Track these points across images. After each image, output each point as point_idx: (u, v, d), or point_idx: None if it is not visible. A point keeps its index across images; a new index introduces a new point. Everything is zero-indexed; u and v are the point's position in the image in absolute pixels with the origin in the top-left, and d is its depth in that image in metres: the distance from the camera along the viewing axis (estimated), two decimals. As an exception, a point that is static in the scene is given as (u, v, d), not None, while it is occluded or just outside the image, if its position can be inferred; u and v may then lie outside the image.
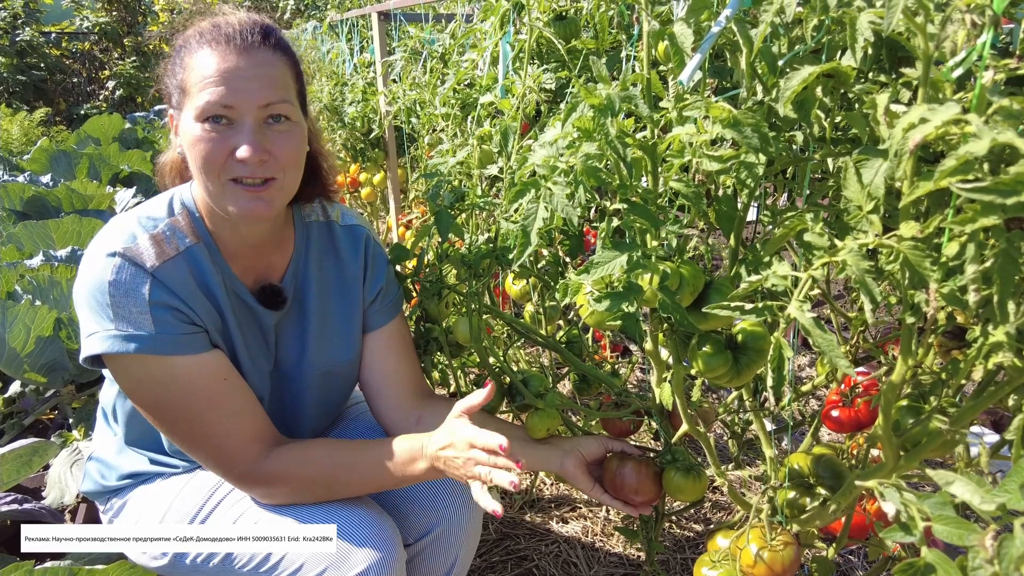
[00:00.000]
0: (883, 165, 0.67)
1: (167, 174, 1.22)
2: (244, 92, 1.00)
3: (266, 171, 1.03)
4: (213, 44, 1.01)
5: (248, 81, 1.00)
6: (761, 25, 0.77)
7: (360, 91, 3.05)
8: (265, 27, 1.05)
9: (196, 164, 1.03)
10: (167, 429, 1.09)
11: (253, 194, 1.03)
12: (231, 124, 1.01)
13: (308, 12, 7.02)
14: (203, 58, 1.00)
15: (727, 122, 0.75)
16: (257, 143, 1.00)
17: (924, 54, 0.64)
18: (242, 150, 1.00)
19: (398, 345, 1.30)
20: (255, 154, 1.00)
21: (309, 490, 1.12)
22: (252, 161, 1.01)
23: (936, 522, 0.59)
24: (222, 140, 1.00)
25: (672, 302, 0.84)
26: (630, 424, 1.36)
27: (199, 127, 1.00)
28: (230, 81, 0.99)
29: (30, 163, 4.11)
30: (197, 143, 1.00)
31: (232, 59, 1.00)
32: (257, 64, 1.02)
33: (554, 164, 0.84)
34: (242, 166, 1.01)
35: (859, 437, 1.19)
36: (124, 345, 1.00)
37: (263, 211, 1.05)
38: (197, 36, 1.03)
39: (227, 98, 0.99)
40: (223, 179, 1.02)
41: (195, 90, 1.00)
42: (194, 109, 1.00)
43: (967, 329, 0.78)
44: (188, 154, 1.04)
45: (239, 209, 1.04)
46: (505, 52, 1.45)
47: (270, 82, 1.02)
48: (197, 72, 1.00)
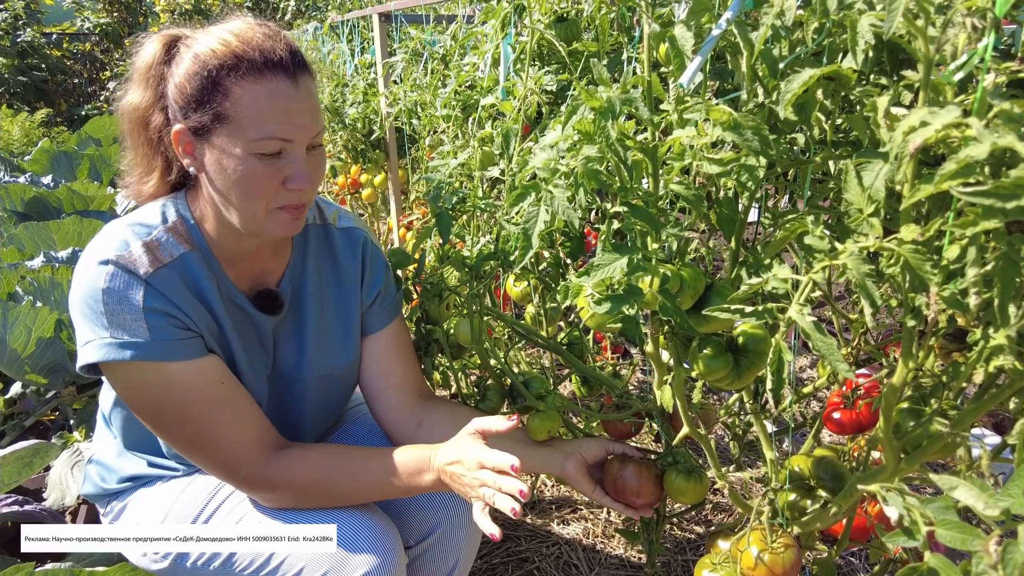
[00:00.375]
0: (884, 168, 0.67)
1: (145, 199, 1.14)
2: (301, 127, 1.01)
3: (307, 196, 1.06)
4: (267, 74, 0.97)
5: (303, 115, 1.01)
6: (762, 28, 0.77)
7: (361, 92, 3.05)
8: (298, 48, 1.03)
9: (241, 193, 1.01)
10: (166, 435, 1.09)
11: (294, 217, 1.06)
12: (280, 156, 1.01)
13: (309, 13, 7.03)
14: (258, 91, 0.97)
15: (728, 125, 0.75)
16: (308, 175, 1.03)
17: (925, 57, 0.64)
18: (299, 181, 1.02)
19: (398, 347, 1.30)
20: (310, 181, 1.03)
21: (313, 496, 1.11)
22: (307, 191, 1.04)
23: (939, 527, 0.59)
24: (274, 172, 1.01)
25: (672, 305, 0.84)
26: (631, 426, 1.36)
27: (251, 160, 0.99)
28: (290, 115, 0.99)
29: (31, 164, 4.12)
30: (248, 175, 0.99)
31: (287, 91, 0.99)
32: (306, 96, 1.02)
33: (555, 167, 0.84)
34: (291, 195, 1.03)
35: (860, 439, 1.19)
36: (120, 353, 0.99)
37: (298, 229, 1.09)
38: (240, 60, 0.97)
39: (288, 133, 0.99)
40: (269, 208, 1.04)
41: (250, 124, 0.97)
42: (248, 143, 0.98)
43: (968, 332, 0.77)
44: (225, 180, 1.01)
45: (281, 231, 1.06)
46: (506, 54, 1.45)
47: (317, 113, 1.04)
48: (251, 106, 0.97)
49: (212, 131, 0.99)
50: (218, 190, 1.04)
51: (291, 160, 1.01)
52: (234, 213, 1.05)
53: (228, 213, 1.06)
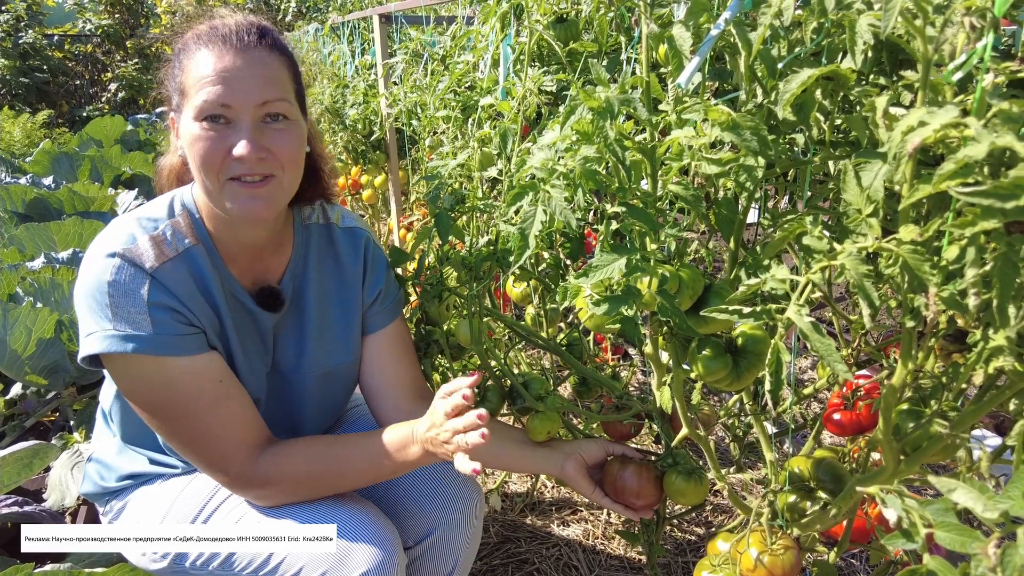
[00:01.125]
0: (882, 168, 0.67)
1: (165, 177, 1.23)
2: (241, 91, 1.01)
3: (264, 168, 1.03)
4: (210, 45, 1.02)
5: (245, 81, 1.01)
6: (760, 28, 0.77)
7: (361, 93, 3.06)
8: (261, 27, 1.06)
9: (195, 163, 1.03)
10: (163, 430, 1.09)
11: (251, 192, 1.03)
12: (229, 123, 1.01)
13: (309, 14, 7.03)
14: (200, 59, 1.02)
15: (726, 125, 0.74)
16: (254, 141, 1.01)
17: (924, 57, 0.64)
18: (240, 147, 1.00)
19: (398, 347, 1.30)
20: (253, 151, 1.01)
21: (304, 487, 1.11)
22: (250, 159, 1.01)
23: (938, 529, 0.58)
24: (220, 139, 1.01)
25: (671, 306, 0.83)
26: (631, 427, 1.36)
27: (197, 127, 1.01)
28: (227, 80, 1.00)
29: (32, 165, 4.12)
30: (196, 142, 1.01)
31: (228, 59, 1.01)
32: (254, 63, 1.02)
33: (552, 167, 0.84)
34: (240, 164, 1.02)
35: (860, 440, 1.18)
36: (122, 345, 1.00)
37: (261, 210, 1.05)
38: (195, 38, 1.04)
39: (224, 97, 1.00)
40: (222, 178, 1.03)
41: (193, 90, 1.01)
42: (192, 109, 1.01)
43: (968, 332, 0.77)
44: (188, 154, 1.05)
45: (238, 207, 1.04)
46: (506, 54, 1.45)
47: (267, 81, 1.03)
48: (195, 73, 1.01)
49: (180, 106, 1.05)
50: (190, 165, 1.06)
51: (236, 128, 1.02)
52: (200, 188, 1.08)
53: (204, 192, 1.08)
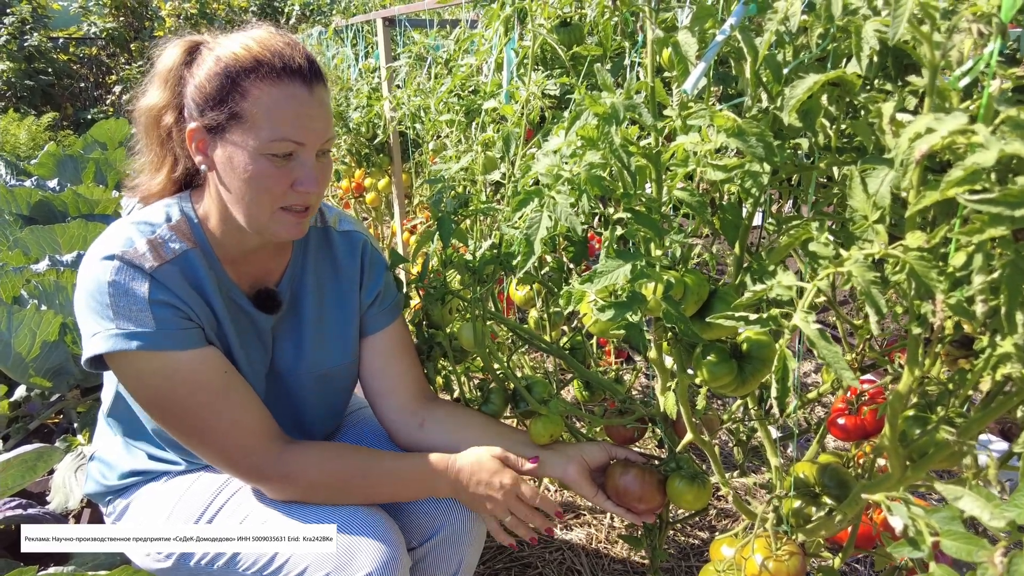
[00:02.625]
0: (889, 174, 0.66)
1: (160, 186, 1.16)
2: (313, 131, 1.04)
3: (313, 200, 1.09)
4: (284, 80, 1.01)
5: (316, 120, 1.04)
6: (766, 33, 0.77)
7: (365, 96, 3.06)
8: (314, 59, 1.07)
9: (249, 192, 1.04)
10: (172, 426, 1.09)
11: (298, 219, 1.09)
12: (291, 158, 1.04)
13: (313, 17, 7.05)
14: (275, 94, 1.00)
15: (731, 131, 0.74)
16: (317, 178, 1.06)
17: (930, 63, 0.64)
18: (308, 185, 1.05)
19: (398, 348, 1.31)
20: (318, 185, 1.06)
21: (322, 491, 1.12)
22: (314, 192, 1.06)
23: (945, 537, 0.58)
24: (285, 173, 1.04)
25: (676, 312, 0.83)
26: (634, 431, 1.35)
27: (262, 159, 1.02)
28: (303, 119, 1.02)
29: (37, 168, 4.14)
30: (257, 175, 1.02)
31: (303, 96, 1.02)
32: (320, 102, 1.05)
33: (558, 173, 0.84)
34: (298, 197, 1.06)
35: (865, 446, 1.18)
36: (126, 343, 1.01)
37: (302, 233, 1.11)
38: (260, 64, 1.01)
39: (301, 136, 1.02)
40: (275, 207, 1.06)
41: (265, 124, 1.00)
42: (260, 142, 1.01)
43: (974, 338, 0.77)
44: (233, 179, 1.04)
45: (285, 233, 1.09)
46: (509, 58, 1.45)
47: (330, 120, 1.08)
48: (267, 107, 1.00)
49: (227, 129, 1.02)
50: (227, 188, 1.06)
51: (301, 163, 1.04)
52: (241, 212, 1.07)
53: (235, 211, 1.08)
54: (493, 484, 1.14)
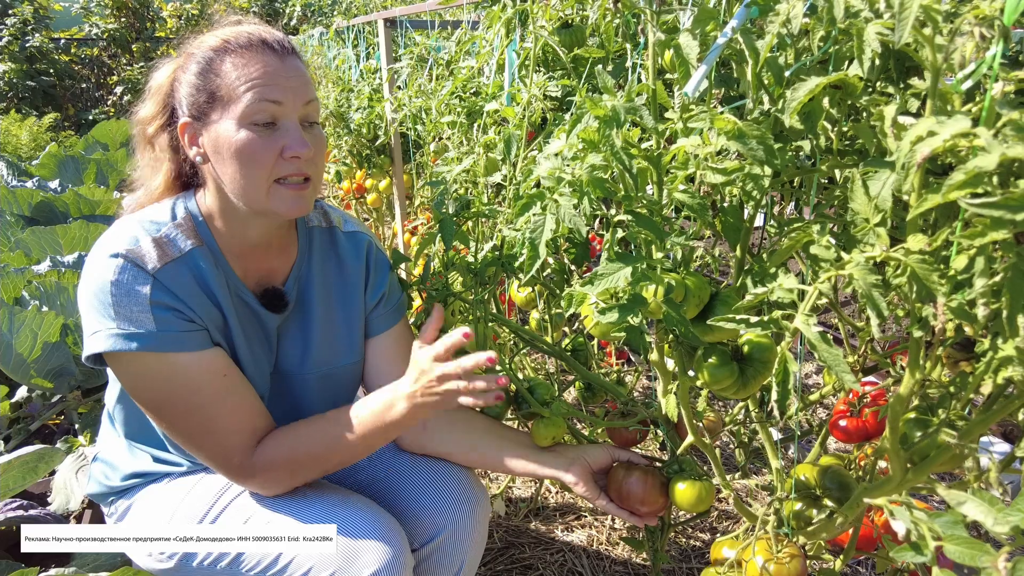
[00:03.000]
0: (890, 177, 0.66)
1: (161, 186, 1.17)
2: (290, 90, 1.04)
3: (308, 168, 1.07)
4: (252, 50, 1.04)
5: (290, 80, 1.05)
6: (767, 36, 0.77)
7: (366, 98, 3.06)
8: (285, 37, 1.10)
9: (240, 168, 1.04)
10: (168, 426, 1.10)
11: (296, 193, 1.07)
12: (275, 127, 1.04)
13: (314, 18, 7.05)
14: (245, 63, 1.03)
15: (732, 134, 0.74)
16: (305, 141, 1.05)
17: (932, 66, 0.64)
18: (295, 147, 1.04)
19: (402, 349, 1.31)
20: (307, 149, 1.05)
21: (304, 465, 1.12)
22: (305, 157, 1.05)
23: (947, 542, 0.58)
24: (270, 142, 1.04)
25: (677, 314, 0.83)
26: (636, 433, 1.35)
27: (244, 132, 1.02)
28: (276, 79, 1.03)
29: (39, 168, 4.14)
30: (244, 147, 1.03)
31: (273, 62, 1.04)
32: (293, 67, 1.07)
33: (559, 175, 0.84)
34: (289, 165, 1.05)
35: (867, 448, 1.18)
36: (126, 343, 1.01)
37: (304, 209, 1.09)
38: (229, 43, 1.05)
39: (276, 95, 1.03)
40: (269, 181, 1.05)
41: (239, 92, 1.02)
42: (240, 112, 1.02)
43: (976, 341, 0.77)
44: (223, 160, 1.05)
45: (286, 208, 1.07)
46: (511, 60, 1.46)
47: (306, 82, 1.08)
48: (238, 76, 1.02)
49: (209, 111, 1.04)
50: (221, 173, 1.07)
51: (285, 129, 1.05)
52: (238, 193, 1.07)
53: (234, 196, 1.08)
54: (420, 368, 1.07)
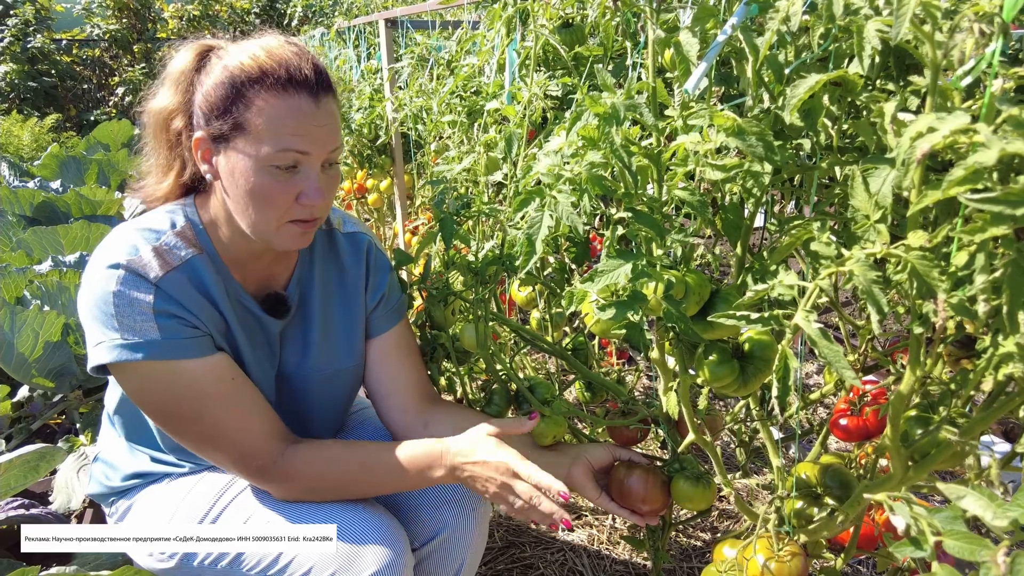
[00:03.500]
0: (890, 174, 0.66)
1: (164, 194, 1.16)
2: (319, 142, 1.02)
3: (320, 213, 1.08)
4: (289, 92, 0.99)
5: (322, 130, 1.02)
6: (767, 33, 0.77)
7: (367, 98, 3.06)
8: (324, 69, 1.05)
9: (253, 205, 1.03)
10: (178, 433, 1.09)
11: (305, 229, 1.08)
12: (295, 171, 1.03)
13: (316, 19, 7.06)
14: (278, 104, 0.99)
15: (732, 131, 0.74)
16: (322, 190, 1.04)
17: (932, 62, 0.64)
18: (312, 197, 1.03)
19: (403, 350, 1.31)
20: (323, 197, 1.04)
21: (326, 488, 1.13)
22: (320, 206, 1.05)
23: (947, 537, 0.58)
24: (289, 186, 1.02)
25: (677, 311, 0.83)
26: (637, 432, 1.35)
27: (265, 172, 1.01)
28: (307, 130, 1.00)
29: (40, 169, 4.15)
30: (260, 188, 1.01)
31: (308, 108, 1.00)
32: (326, 114, 1.03)
33: (559, 172, 0.84)
34: (303, 210, 1.05)
35: (867, 447, 1.18)
36: (131, 354, 1.01)
37: (307, 243, 1.10)
38: (266, 76, 0.99)
39: (304, 146, 1.01)
40: (281, 222, 1.05)
41: (268, 135, 0.99)
42: (265, 154, 0.99)
43: (976, 338, 0.77)
44: (236, 190, 1.04)
45: (291, 244, 1.08)
46: (511, 59, 1.46)
47: (336, 131, 1.06)
48: (271, 118, 0.99)
49: (230, 140, 1.01)
50: (232, 199, 1.06)
51: (305, 176, 1.03)
52: (246, 223, 1.07)
53: (240, 221, 1.07)
54: (489, 464, 1.09)
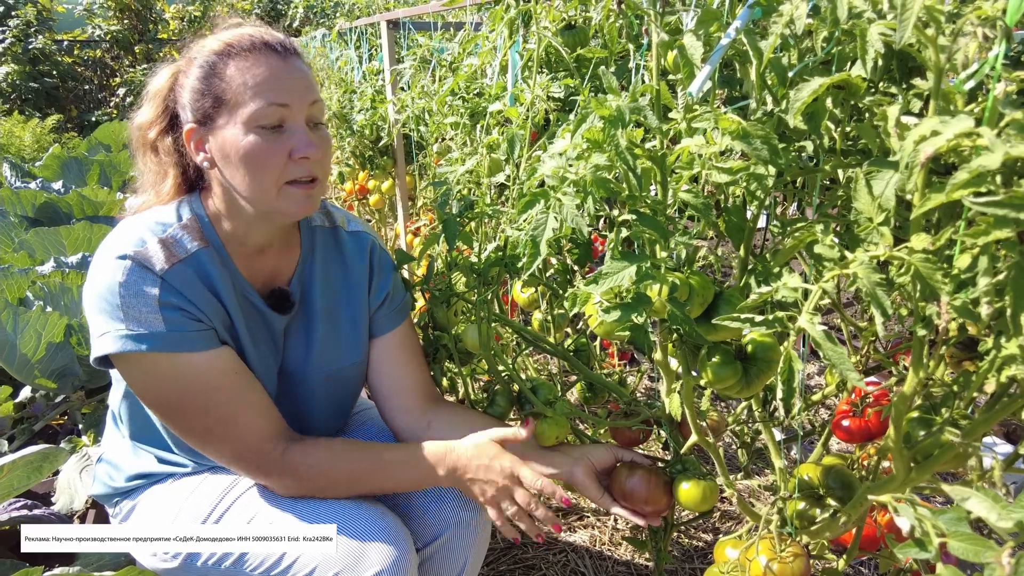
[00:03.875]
0: (894, 177, 0.67)
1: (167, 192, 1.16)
2: (295, 92, 1.05)
3: (316, 169, 1.08)
4: (256, 53, 1.04)
5: (295, 82, 1.05)
6: (771, 37, 0.77)
7: (369, 99, 3.06)
8: (288, 39, 1.10)
9: (249, 171, 1.04)
10: (180, 427, 1.10)
11: (306, 192, 1.08)
12: (282, 130, 1.04)
13: (317, 20, 7.07)
14: (249, 66, 1.03)
15: (736, 134, 0.75)
16: (313, 143, 1.06)
17: (935, 66, 0.64)
18: (304, 149, 1.04)
19: (406, 349, 1.31)
20: (316, 150, 1.05)
21: (328, 484, 1.13)
22: (313, 158, 1.06)
23: (951, 538, 0.58)
24: (279, 144, 1.04)
25: (681, 313, 0.84)
26: (639, 433, 1.36)
27: (252, 136, 1.03)
28: (281, 82, 1.03)
29: (42, 170, 4.15)
30: (253, 151, 1.03)
31: (277, 64, 1.04)
32: (297, 69, 1.07)
33: (563, 175, 0.84)
34: (299, 167, 1.06)
35: (870, 448, 1.18)
36: (135, 345, 1.01)
37: (312, 208, 1.10)
38: (232, 47, 1.04)
39: (282, 98, 1.03)
40: (279, 183, 1.06)
41: (245, 96, 1.02)
42: (248, 115, 1.02)
43: (979, 340, 0.77)
44: (231, 164, 1.05)
45: (295, 208, 1.08)
46: (514, 61, 1.46)
47: (310, 83, 1.08)
48: (244, 80, 1.02)
49: (215, 116, 1.04)
50: (229, 178, 1.07)
51: (293, 132, 1.05)
52: (247, 197, 1.08)
53: (242, 200, 1.08)
54: (493, 468, 1.11)
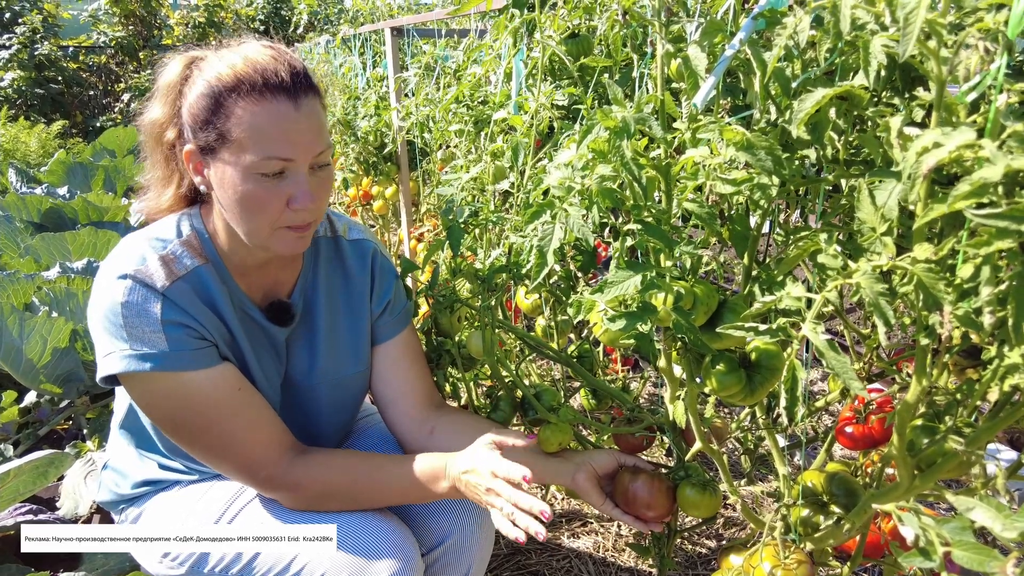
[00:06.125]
0: (896, 187, 0.67)
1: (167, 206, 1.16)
2: (302, 145, 1.01)
3: (312, 216, 1.07)
4: (266, 97, 0.98)
5: (303, 134, 1.01)
6: (774, 48, 0.78)
7: (373, 106, 3.08)
8: (303, 70, 1.04)
9: (244, 213, 1.03)
10: (186, 443, 1.10)
11: (299, 235, 1.07)
12: (283, 176, 1.02)
13: (321, 26, 7.10)
14: (258, 112, 0.98)
15: (741, 145, 0.75)
16: (311, 193, 1.03)
17: (937, 78, 0.65)
18: (302, 202, 1.02)
19: (409, 356, 1.32)
20: (313, 204, 1.03)
21: (333, 497, 1.14)
22: (310, 210, 1.04)
23: (956, 548, 0.59)
24: (277, 192, 1.02)
25: (686, 322, 0.84)
26: (642, 439, 1.36)
27: (252, 180, 1.00)
28: (289, 135, 0.99)
29: (47, 175, 4.17)
30: (250, 195, 1.01)
31: (287, 112, 0.99)
32: (308, 114, 1.02)
33: (570, 185, 0.85)
34: (294, 215, 1.04)
35: (873, 455, 1.18)
36: (140, 364, 1.02)
37: (304, 247, 1.10)
38: (242, 84, 0.99)
39: (287, 152, 1.00)
40: (273, 228, 1.05)
41: (250, 144, 0.99)
42: (249, 163, 0.99)
43: (982, 349, 0.77)
44: (227, 199, 1.04)
45: (287, 250, 1.08)
46: (518, 69, 1.47)
47: (320, 132, 1.04)
48: (251, 126, 0.98)
49: (217, 151, 1.01)
50: (225, 208, 1.06)
51: (293, 180, 1.02)
52: (241, 230, 1.07)
53: (236, 229, 1.08)
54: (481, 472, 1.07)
